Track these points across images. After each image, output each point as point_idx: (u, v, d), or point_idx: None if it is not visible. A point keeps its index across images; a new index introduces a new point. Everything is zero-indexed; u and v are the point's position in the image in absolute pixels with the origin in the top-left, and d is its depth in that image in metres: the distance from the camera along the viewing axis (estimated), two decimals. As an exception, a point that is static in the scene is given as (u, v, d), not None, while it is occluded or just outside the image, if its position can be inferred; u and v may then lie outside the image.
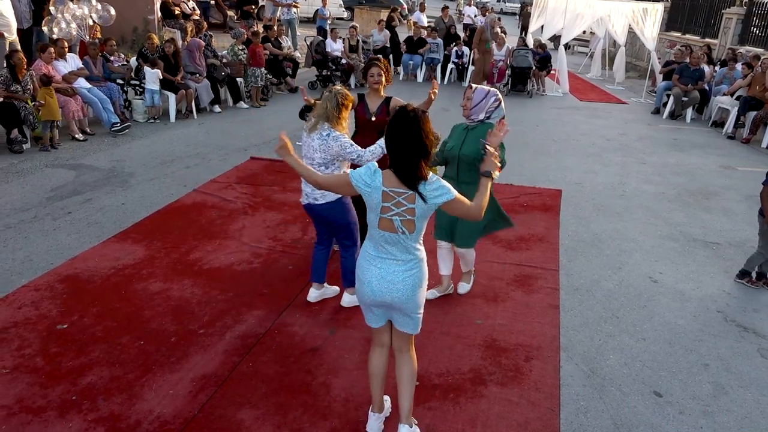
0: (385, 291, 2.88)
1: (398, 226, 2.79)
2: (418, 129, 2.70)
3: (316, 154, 4.12)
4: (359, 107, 4.86)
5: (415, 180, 2.72)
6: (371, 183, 2.78)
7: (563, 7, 14.47)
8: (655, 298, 4.98)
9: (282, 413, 3.40)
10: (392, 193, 2.75)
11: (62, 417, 3.26)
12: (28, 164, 7.22)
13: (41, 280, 4.65)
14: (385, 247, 2.87)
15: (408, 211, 2.76)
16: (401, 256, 2.87)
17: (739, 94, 11.31)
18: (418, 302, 2.96)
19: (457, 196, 2.80)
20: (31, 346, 3.85)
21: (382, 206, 2.78)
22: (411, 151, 2.70)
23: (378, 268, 2.89)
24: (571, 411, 3.58)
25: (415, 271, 2.90)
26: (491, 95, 4.33)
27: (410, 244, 2.86)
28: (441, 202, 2.76)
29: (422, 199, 2.72)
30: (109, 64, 9.39)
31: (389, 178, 2.76)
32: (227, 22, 17.84)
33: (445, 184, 2.79)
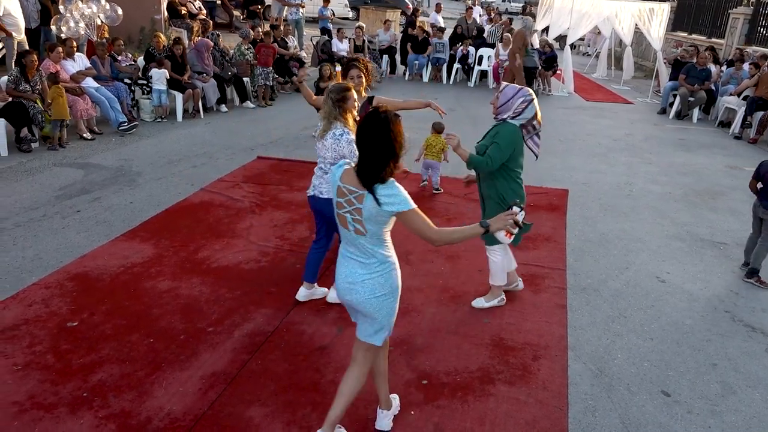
0: (346, 291, 2.88)
1: (350, 224, 2.78)
2: (387, 130, 2.66)
3: (327, 153, 4.15)
4: None
5: (371, 180, 2.68)
6: (334, 177, 2.82)
7: (569, 6, 14.45)
8: (663, 298, 4.98)
9: (291, 411, 3.41)
10: (345, 190, 2.75)
11: (73, 413, 3.29)
12: (37, 163, 7.26)
13: (51, 278, 4.68)
14: (348, 246, 2.88)
15: (356, 210, 2.73)
16: (363, 258, 2.83)
17: (746, 94, 11.28)
18: (382, 310, 2.86)
19: (414, 209, 2.71)
20: (41, 343, 3.88)
21: (337, 201, 2.80)
22: (378, 152, 2.67)
23: (344, 267, 2.89)
24: (579, 410, 3.59)
25: (377, 276, 2.81)
26: (519, 96, 4.19)
27: (369, 246, 2.79)
28: (393, 210, 2.69)
29: (376, 201, 2.66)
30: (116, 63, 9.43)
31: (349, 175, 2.75)
32: (233, 22, 17.89)
33: (402, 194, 2.70)
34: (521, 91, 4.21)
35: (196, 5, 15.37)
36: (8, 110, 7.49)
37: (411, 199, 2.73)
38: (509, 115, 4.23)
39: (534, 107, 4.24)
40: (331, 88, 4.11)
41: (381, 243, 2.82)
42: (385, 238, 2.83)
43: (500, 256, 4.50)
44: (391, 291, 2.88)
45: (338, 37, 13.41)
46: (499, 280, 4.57)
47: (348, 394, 3.04)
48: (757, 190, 5.39)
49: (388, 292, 2.86)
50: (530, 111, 4.23)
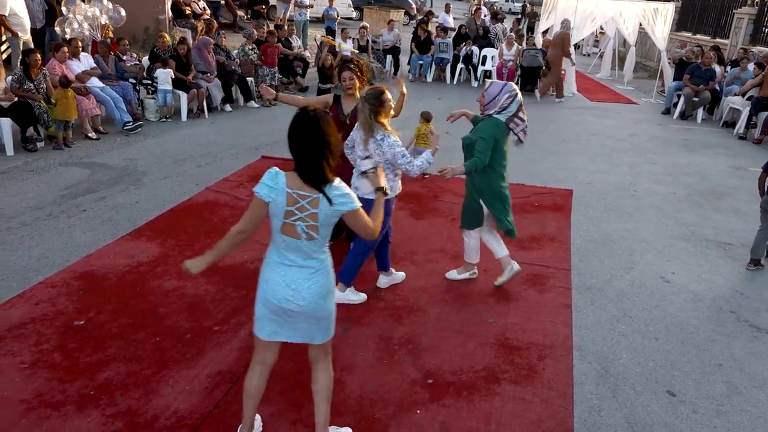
0: (290, 298, 2.77)
1: (301, 232, 2.70)
2: (318, 129, 2.63)
3: (373, 156, 4.16)
4: (333, 109, 4.89)
5: (320, 181, 2.66)
6: (275, 185, 2.67)
7: (573, 6, 14.43)
8: (668, 298, 4.98)
9: (297, 410, 3.43)
10: (296, 196, 2.66)
11: (80, 411, 3.30)
12: (43, 162, 7.29)
13: (57, 277, 4.70)
14: (288, 253, 2.78)
15: (311, 216, 2.68)
16: (304, 263, 2.78)
17: (750, 94, 11.26)
18: (329, 309, 2.90)
19: (359, 209, 2.75)
20: (48, 341, 3.90)
21: (286, 210, 2.68)
22: (312, 152, 2.63)
23: (282, 276, 2.79)
24: (585, 409, 3.59)
25: (320, 278, 2.81)
26: (505, 92, 4.42)
27: (313, 250, 2.77)
28: (344, 210, 2.70)
29: (329, 201, 2.65)
30: (121, 63, 9.45)
31: (293, 179, 2.67)
32: (237, 22, 17.92)
33: (351, 193, 2.73)
34: (506, 86, 4.46)
35: (200, 5, 15.40)
36: (14, 110, 7.51)
37: (355, 197, 2.77)
38: (496, 110, 4.46)
39: (518, 102, 4.47)
40: (366, 96, 4.10)
41: (324, 246, 2.84)
42: (328, 238, 2.83)
43: (474, 240, 4.88)
44: (332, 289, 2.92)
45: (342, 37, 13.42)
46: (473, 258, 4.95)
47: (325, 393, 3.06)
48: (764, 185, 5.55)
49: (330, 291, 2.90)
50: (515, 105, 4.45)
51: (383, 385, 3.68)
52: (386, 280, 4.83)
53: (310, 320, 2.86)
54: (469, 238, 4.89)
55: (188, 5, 14.80)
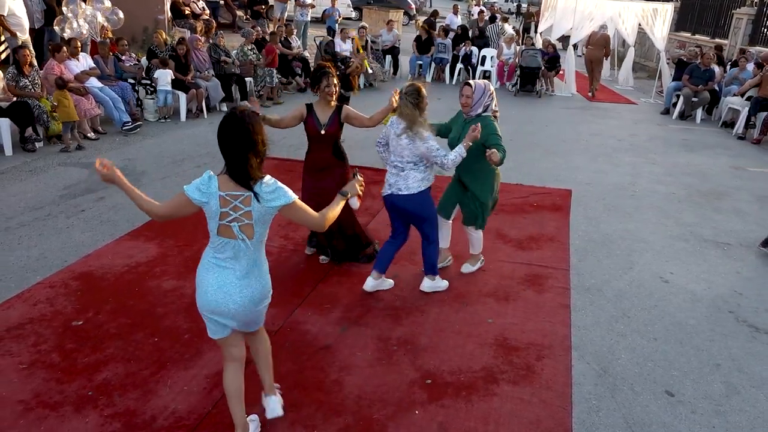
0: (221, 301, 2.79)
1: (237, 233, 2.73)
2: (246, 129, 2.66)
3: (405, 151, 4.31)
4: (309, 119, 4.75)
5: (248, 179, 2.68)
6: (207, 190, 2.71)
7: (572, 7, 14.44)
8: (666, 298, 4.97)
9: (295, 410, 3.42)
10: (229, 197, 2.69)
11: (78, 412, 3.30)
12: (41, 162, 7.29)
13: (56, 278, 4.70)
14: (223, 255, 2.79)
15: (245, 215, 2.71)
16: (240, 265, 2.80)
17: (749, 94, 11.26)
18: (261, 314, 2.98)
19: (296, 201, 2.76)
20: (47, 342, 3.90)
21: (221, 212, 2.71)
22: (240, 151, 2.66)
23: (215, 278, 2.80)
24: (583, 410, 3.59)
25: (255, 281, 2.84)
26: (487, 91, 4.65)
27: (250, 252, 2.79)
28: (277, 205, 2.73)
29: (257, 199, 2.68)
30: (120, 63, 9.45)
31: (225, 182, 2.71)
32: (236, 22, 17.91)
33: (283, 187, 2.75)
34: (486, 86, 4.66)
35: (199, 5, 15.40)
36: (12, 110, 7.51)
37: (291, 191, 2.78)
38: (481, 110, 4.64)
39: (494, 97, 4.73)
40: (406, 90, 4.25)
41: (261, 246, 2.87)
42: (264, 240, 2.87)
43: (477, 233, 5.02)
44: (267, 294, 2.95)
45: (341, 37, 13.42)
46: (477, 248, 5.13)
47: (265, 358, 3.22)
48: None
49: (265, 297, 2.93)
50: (493, 101, 4.70)
51: (382, 385, 3.68)
52: (374, 283, 4.70)
53: (233, 321, 2.89)
54: (474, 232, 5.02)
55: (187, 5, 14.80)
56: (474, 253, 5.15)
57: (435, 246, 4.70)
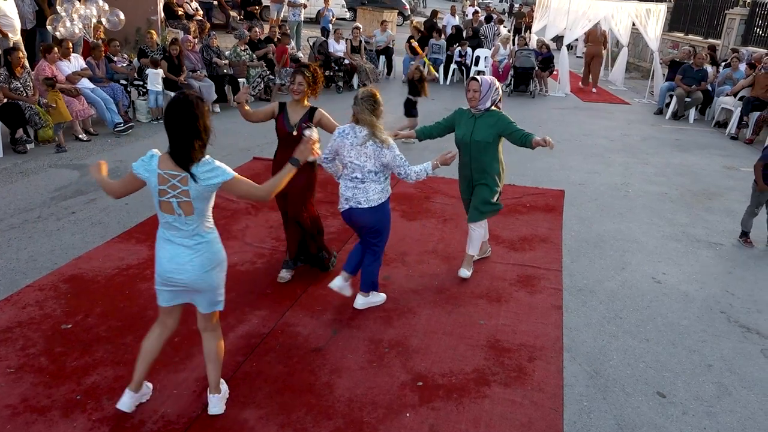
0: (175, 272, 2.99)
1: (175, 208, 2.89)
2: (192, 113, 2.80)
3: (369, 161, 4.05)
4: (279, 117, 4.58)
5: (187, 161, 2.82)
6: (149, 167, 2.88)
7: (566, 7, 14.45)
8: (659, 299, 4.98)
9: (285, 413, 3.40)
10: (167, 176, 2.85)
11: (66, 416, 3.27)
12: (32, 164, 7.24)
13: (45, 280, 4.66)
14: (170, 230, 2.98)
15: (183, 192, 2.86)
16: (186, 239, 2.97)
17: (742, 94, 11.29)
18: (213, 283, 3.09)
19: (236, 176, 2.92)
20: (35, 345, 3.86)
21: (159, 189, 2.87)
22: (184, 134, 2.81)
23: (167, 250, 3.00)
24: (575, 411, 3.58)
25: (203, 252, 3.00)
26: (493, 85, 4.73)
27: (193, 226, 2.96)
28: (216, 182, 2.87)
29: (194, 179, 2.82)
30: (112, 64, 9.41)
31: (165, 161, 2.87)
32: (230, 23, 17.87)
33: (221, 165, 2.89)
34: (492, 80, 4.77)
35: (192, 6, 15.34)
36: (3, 111, 7.46)
37: (229, 167, 2.94)
38: (489, 104, 4.73)
39: (500, 92, 4.85)
40: (362, 96, 4.03)
41: (205, 221, 3.01)
42: (209, 215, 3.03)
43: (482, 230, 5.05)
44: (219, 263, 3.10)
45: (335, 37, 13.40)
46: (476, 248, 5.08)
47: (214, 358, 3.29)
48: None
49: (216, 265, 3.08)
50: (499, 95, 4.82)
51: (373, 387, 3.66)
52: (363, 301, 4.53)
53: (198, 291, 3.09)
54: (478, 227, 5.02)
55: (180, 6, 14.74)
56: (470, 252, 5.08)
57: (380, 261, 4.47)
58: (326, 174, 7.43)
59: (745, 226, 6.23)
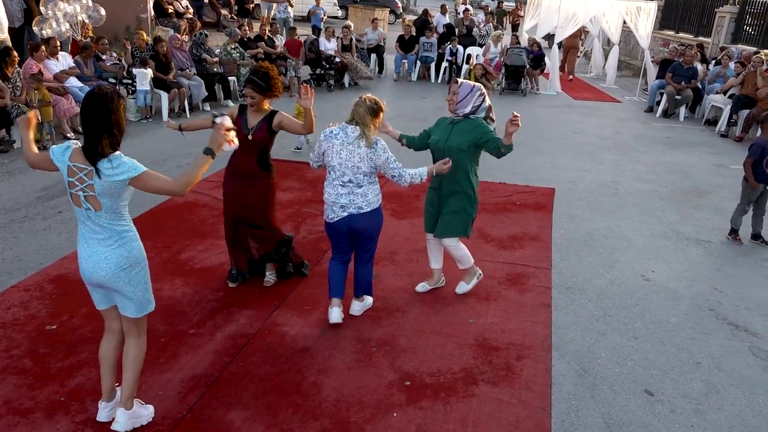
0: (92, 270, 2.93)
1: (83, 201, 2.85)
2: (106, 108, 2.78)
3: (363, 163, 3.90)
4: (238, 121, 4.27)
5: (95, 155, 2.78)
6: (62, 158, 2.85)
7: (557, 5, 14.46)
8: (647, 297, 4.98)
9: (272, 414, 3.38)
10: (75, 168, 2.82)
11: (50, 418, 3.24)
12: (19, 164, 7.17)
13: (30, 281, 4.62)
14: (85, 225, 2.93)
15: (89, 187, 2.82)
16: (101, 235, 2.91)
17: (732, 92, 11.33)
18: (130, 282, 2.97)
19: (147, 171, 2.85)
20: (19, 347, 3.82)
21: (68, 181, 2.85)
22: (95, 128, 2.78)
23: (85, 248, 2.95)
24: (563, 410, 3.58)
25: (118, 249, 2.92)
26: (476, 90, 4.38)
27: (105, 221, 2.89)
28: (122, 179, 2.80)
29: (98, 175, 2.77)
30: (100, 63, 9.34)
31: (77, 154, 2.83)
32: (221, 21, 17.79)
33: (130, 161, 2.84)
34: (476, 87, 4.40)
35: (182, 4, 15.27)
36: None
37: (140, 163, 2.85)
38: (469, 110, 4.37)
39: (488, 100, 4.46)
40: (367, 98, 3.96)
41: (118, 217, 2.92)
42: (123, 212, 2.94)
43: (460, 246, 4.60)
44: (136, 262, 2.99)
45: (326, 35, 13.36)
46: (467, 262, 4.70)
47: (131, 367, 3.14)
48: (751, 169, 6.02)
49: (133, 264, 2.97)
50: (486, 103, 4.43)
51: (360, 387, 3.64)
52: (360, 306, 4.43)
53: (117, 291, 2.99)
54: (454, 246, 4.58)
55: (171, 4, 14.67)
56: (463, 267, 4.75)
57: (372, 262, 4.35)
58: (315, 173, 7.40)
59: (734, 224, 6.24)
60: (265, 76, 4.18)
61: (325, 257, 5.24)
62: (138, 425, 3.18)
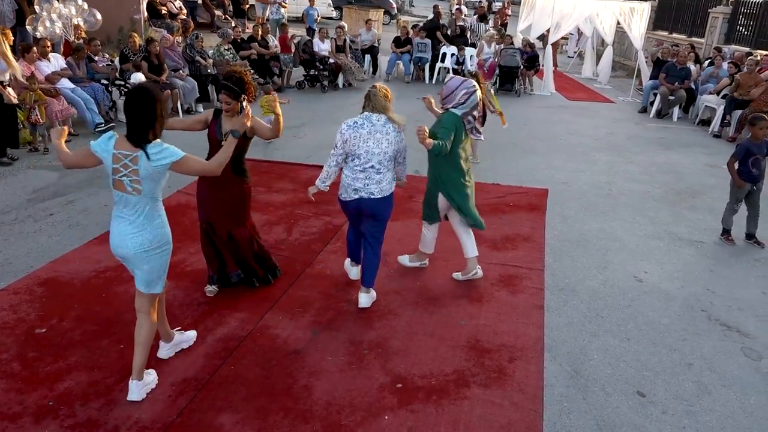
0: (118, 246, 3.28)
1: (128, 186, 3.14)
2: (152, 101, 3.10)
3: (390, 147, 4.23)
4: (212, 124, 4.26)
5: (141, 141, 3.10)
6: (105, 147, 3.15)
7: (551, 6, 14.47)
8: (640, 298, 4.98)
9: (262, 417, 3.36)
10: (120, 155, 3.12)
11: (38, 423, 3.21)
12: (10, 165, 7.13)
13: (20, 284, 4.58)
14: (121, 207, 3.23)
15: (133, 172, 3.11)
16: (133, 216, 3.21)
17: (725, 92, 11.35)
18: (149, 261, 3.29)
19: (187, 156, 3.18)
20: (8, 350, 3.79)
21: (113, 168, 3.14)
22: (143, 119, 3.09)
23: (117, 226, 3.27)
24: (555, 412, 3.57)
25: (145, 231, 3.23)
26: (462, 88, 4.57)
27: (141, 205, 3.20)
28: (166, 162, 3.13)
29: (147, 157, 3.07)
30: (93, 64, 9.29)
31: (121, 142, 3.14)
32: (214, 22, 17.73)
33: (172, 147, 3.16)
34: (465, 83, 4.59)
35: (176, 5, 15.23)
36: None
37: (180, 149, 3.19)
38: (453, 104, 4.61)
39: (475, 99, 4.61)
40: (373, 89, 4.33)
41: (154, 201, 3.25)
42: (159, 197, 3.28)
43: (431, 233, 5.02)
44: (159, 246, 3.31)
45: (320, 36, 13.34)
46: (427, 249, 5.10)
47: (145, 343, 3.42)
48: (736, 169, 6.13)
49: (155, 247, 3.29)
50: (472, 101, 4.60)
51: (352, 390, 3.63)
52: (367, 298, 4.53)
53: (137, 266, 3.33)
54: (427, 230, 5.03)
55: (164, 5, 14.63)
56: (422, 250, 5.11)
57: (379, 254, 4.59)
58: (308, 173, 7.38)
59: (725, 224, 6.25)
60: (239, 81, 4.09)
61: (317, 259, 5.23)
62: (149, 390, 3.48)
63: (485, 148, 8.50)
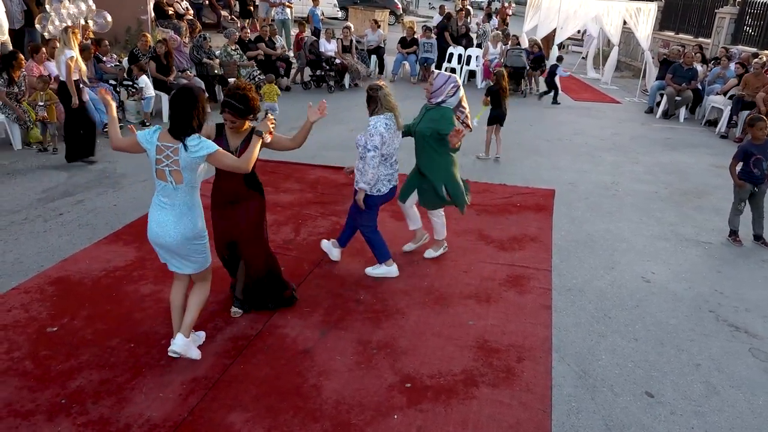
0: (160, 235, 3.50)
1: (168, 175, 3.41)
2: (195, 100, 3.39)
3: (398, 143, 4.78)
4: (217, 143, 3.71)
5: (182, 134, 3.36)
6: (150, 139, 3.43)
7: (557, 6, 14.46)
8: (647, 298, 4.98)
9: (272, 416, 3.38)
10: (163, 147, 3.39)
11: (51, 421, 3.24)
12: (20, 165, 7.19)
13: (31, 283, 4.62)
14: (161, 196, 3.50)
15: (174, 162, 3.38)
16: (173, 206, 3.47)
17: (732, 93, 11.33)
18: (193, 250, 3.57)
19: (219, 150, 3.46)
20: (20, 349, 3.83)
21: (156, 158, 3.41)
22: (186, 114, 3.37)
23: (157, 214, 3.51)
24: (563, 412, 3.58)
25: (185, 219, 3.48)
26: (450, 81, 4.87)
27: (180, 195, 3.46)
28: (202, 154, 3.39)
29: (185, 148, 3.34)
30: (101, 64, 9.34)
31: (164, 135, 3.41)
32: (221, 22, 17.79)
33: (208, 141, 3.45)
34: (451, 78, 4.91)
35: (183, 5, 15.26)
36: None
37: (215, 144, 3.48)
38: (442, 98, 4.88)
39: (461, 92, 4.97)
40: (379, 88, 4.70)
41: (193, 191, 3.52)
42: (196, 186, 3.54)
43: (441, 218, 5.34)
44: (199, 235, 3.57)
45: (326, 37, 13.37)
46: (442, 234, 5.40)
47: (195, 304, 3.73)
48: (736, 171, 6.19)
49: (196, 236, 3.55)
50: (458, 95, 4.93)
51: (360, 389, 3.65)
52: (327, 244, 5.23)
53: (178, 256, 3.59)
54: (436, 218, 5.32)
55: (171, 5, 14.67)
56: (437, 239, 5.40)
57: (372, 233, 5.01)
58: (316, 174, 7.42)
59: (732, 225, 6.25)
60: (243, 99, 3.82)
61: (325, 259, 5.24)
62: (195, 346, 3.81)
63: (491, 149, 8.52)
